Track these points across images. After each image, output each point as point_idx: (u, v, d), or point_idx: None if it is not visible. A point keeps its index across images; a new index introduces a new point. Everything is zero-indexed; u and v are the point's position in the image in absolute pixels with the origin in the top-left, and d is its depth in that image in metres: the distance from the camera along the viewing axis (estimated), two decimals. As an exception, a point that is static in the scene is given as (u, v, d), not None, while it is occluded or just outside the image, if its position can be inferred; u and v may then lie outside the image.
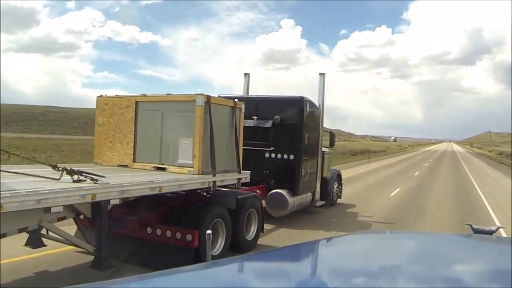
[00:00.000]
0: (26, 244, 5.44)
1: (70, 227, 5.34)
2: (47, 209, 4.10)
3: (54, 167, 4.45)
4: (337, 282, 1.27)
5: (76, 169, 4.44)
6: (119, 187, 4.45)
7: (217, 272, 1.38)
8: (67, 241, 5.13)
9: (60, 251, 6.00)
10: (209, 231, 2.20)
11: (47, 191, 3.77)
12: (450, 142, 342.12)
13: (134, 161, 6.20)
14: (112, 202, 4.41)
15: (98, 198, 4.22)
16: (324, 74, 9.33)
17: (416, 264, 1.48)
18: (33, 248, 5.50)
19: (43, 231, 5.09)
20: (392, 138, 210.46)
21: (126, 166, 6.25)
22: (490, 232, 1.97)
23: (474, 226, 2.00)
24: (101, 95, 6.63)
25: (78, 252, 5.93)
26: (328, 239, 2.08)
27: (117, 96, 6.51)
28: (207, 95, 5.80)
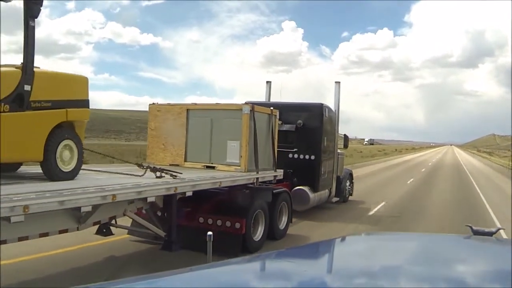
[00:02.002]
0: (96, 233, 6.35)
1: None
2: (131, 201, 5.08)
3: (140, 165, 5.42)
4: (338, 283, 1.28)
5: (158, 167, 5.43)
6: (192, 182, 5.45)
7: (217, 273, 1.38)
8: (138, 229, 6.11)
9: (118, 239, 6.94)
10: (210, 232, 2.07)
11: (146, 185, 4.76)
12: (451, 145, 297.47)
13: (185, 160, 7.18)
14: (187, 194, 5.40)
15: (178, 191, 5.21)
16: (339, 82, 10.40)
17: (416, 265, 1.48)
18: (104, 236, 6.43)
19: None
20: (366, 140, 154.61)
21: (177, 165, 7.23)
22: (490, 234, 1.97)
23: (474, 228, 2.02)
24: (153, 103, 7.60)
25: (132, 241, 6.88)
26: (329, 241, 2.13)
27: (168, 104, 7.49)
28: (252, 104, 6.83)
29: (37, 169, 5.34)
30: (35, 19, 4.33)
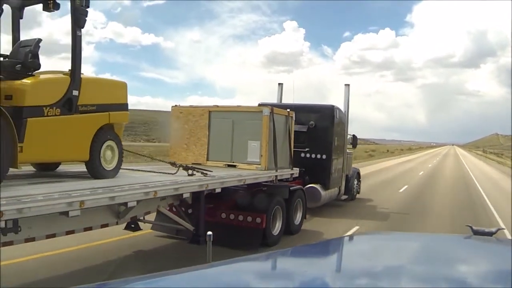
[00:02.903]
0: (125, 228, 6.72)
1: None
2: (163, 198, 5.45)
3: (173, 164, 5.80)
4: (338, 283, 1.28)
5: (189, 165, 5.81)
6: (221, 179, 5.84)
7: (217, 273, 1.39)
8: (163, 223, 6.49)
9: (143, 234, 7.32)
10: (209, 232, 2.07)
11: (182, 182, 5.14)
12: (452, 145, 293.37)
13: (207, 159, 7.56)
14: (217, 190, 5.78)
15: (209, 187, 5.59)
16: (349, 85, 10.79)
17: (417, 265, 1.49)
18: (132, 231, 6.79)
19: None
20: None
21: (199, 164, 7.60)
22: (490, 234, 1.98)
23: (474, 228, 2.02)
24: (176, 105, 7.98)
25: (157, 236, 7.26)
26: (329, 241, 2.09)
27: (190, 106, 7.87)
28: (271, 107, 7.21)
29: (70, 168, 5.75)
30: (82, 29, 4.70)
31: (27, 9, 5.18)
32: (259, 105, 9.62)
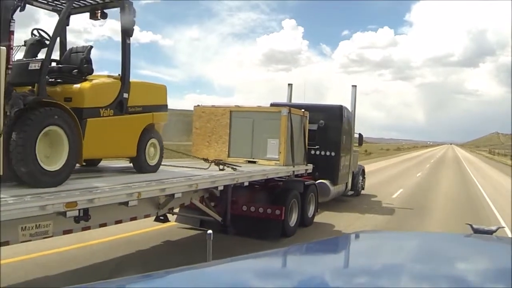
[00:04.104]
0: (155, 220, 7.23)
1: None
2: (196, 191, 5.97)
3: (206, 160, 6.34)
4: (338, 282, 1.28)
5: (220, 161, 6.34)
6: (249, 174, 6.39)
7: (217, 272, 1.38)
8: (193, 215, 7.01)
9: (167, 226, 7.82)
10: (209, 231, 2.05)
11: (217, 176, 5.68)
12: (451, 144, 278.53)
13: (228, 156, 8.09)
14: (245, 184, 6.33)
15: (239, 181, 6.14)
16: (355, 86, 11.38)
17: (417, 264, 1.49)
18: (162, 222, 7.30)
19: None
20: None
21: (221, 160, 8.14)
22: (490, 232, 1.97)
23: (475, 226, 2.02)
24: (198, 105, 8.51)
25: (180, 228, 7.78)
26: (329, 240, 2.10)
27: (212, 106, 8.40)
28: (289, 107, 7.76)
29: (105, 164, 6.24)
30: (130, 38, 5.21)
31: (26, 7, 5.35)
32: (272, 105, 10.18)
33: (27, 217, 3.53)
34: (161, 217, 7.09)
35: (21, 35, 5.26)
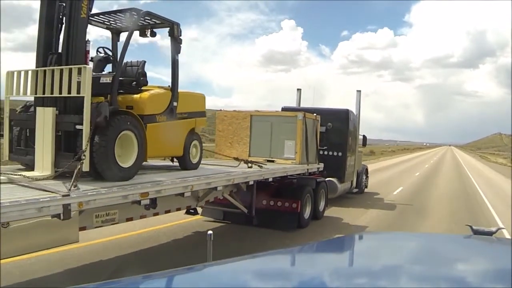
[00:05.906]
0: (186, 213, 8.09)
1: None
2: (226, 186, 6.89)
3: (236, 159, 7.27)
4: (338, 283, 1.30)
5: (249, 159, 7.28)
6: (273, 171, 7.34)
7: (217, 273, 1.40)
8: (218, 208, 7.92)
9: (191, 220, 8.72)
10: (210, 232, 2.10)
11: (249, 172, 6.61)
12: (449, 146, 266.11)
13: (249, 156, 9.02)
14: (269, 179, 7.28)
15: (265, 177, 7.08)
16: (360, 91, 12.38)
17: (417, 265, 1.50)
18: (192, 215, 8.19)
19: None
20: None
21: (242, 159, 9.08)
22: (490, 233, 1.98)
23: (474, 227, 2.03)
24: (221, 110, 9.46)
25: (205, 221, 8.68)
26: (329, 240, 2.12)
27: (234, 111, 9.36)
28: (304, 112, 8.73)
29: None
30: (179, 54, 6.13)
31: (23, 7, 5.97)
32: (283, 109, 11.16)
33: (100, 207, 4.28)
34: (191, 210, 7.99)
35: (20, 35, 5.54)
